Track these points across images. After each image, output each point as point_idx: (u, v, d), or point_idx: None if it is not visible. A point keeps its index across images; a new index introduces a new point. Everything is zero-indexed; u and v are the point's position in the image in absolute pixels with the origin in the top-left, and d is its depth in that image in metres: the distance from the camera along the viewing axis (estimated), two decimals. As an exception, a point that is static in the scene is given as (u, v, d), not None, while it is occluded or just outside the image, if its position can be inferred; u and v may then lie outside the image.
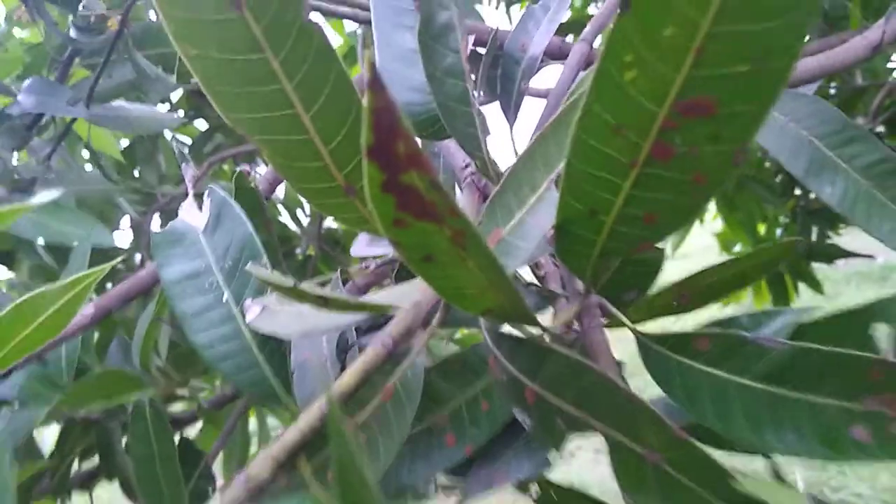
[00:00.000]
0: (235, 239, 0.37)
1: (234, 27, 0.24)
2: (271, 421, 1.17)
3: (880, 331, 0.29)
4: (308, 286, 0.29)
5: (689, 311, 0.35)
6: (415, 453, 0.32)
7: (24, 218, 0.73)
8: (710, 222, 2.19)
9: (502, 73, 0.46)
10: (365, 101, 0.18)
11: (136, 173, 1.28)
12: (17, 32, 1.14)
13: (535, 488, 0.42)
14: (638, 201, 0.23)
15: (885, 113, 1.64)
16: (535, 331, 0.28)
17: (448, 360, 0.33)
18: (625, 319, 0.29)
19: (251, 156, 1.35)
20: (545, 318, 0.32)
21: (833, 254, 1.57)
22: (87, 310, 0.53)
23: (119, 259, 0.53)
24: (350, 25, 1.38)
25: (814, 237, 1.71)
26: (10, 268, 0.93)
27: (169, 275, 0.37)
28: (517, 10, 1.49)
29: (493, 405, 0.31)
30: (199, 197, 0.41)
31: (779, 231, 1.89)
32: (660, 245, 0.39)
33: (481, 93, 0.52)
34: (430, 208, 0.21)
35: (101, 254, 0.75)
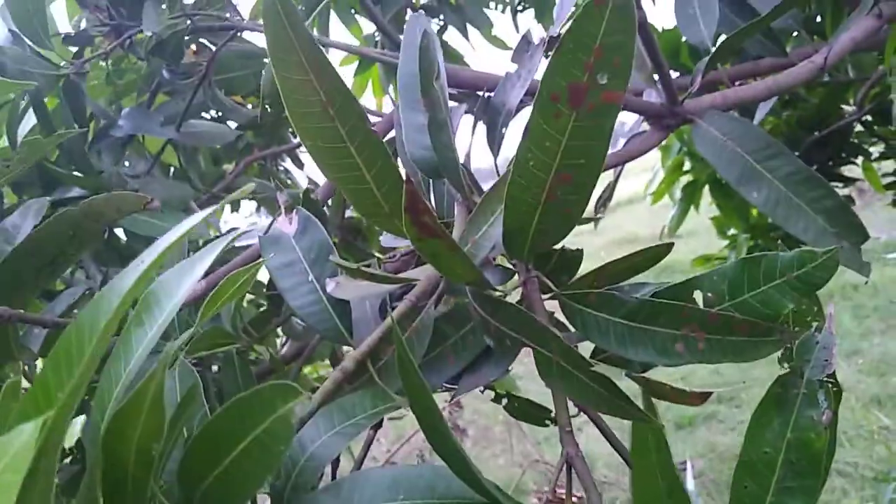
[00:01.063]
0: (316, 241, 0.58)
1: (331, 129, 0.45)
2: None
3: (696, 293, 0.50)
4: (363, 268, 0.50)
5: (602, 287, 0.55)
6: (430, 370, 0.54)
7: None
8: (709, 206, 2.34)
9: (489, 120, 0.67)
10: (404, 186, 0.39)
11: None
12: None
13: (505, 400, 0.64)
14: (543, 221, 0.44)
15: (871, 103, 1.75)
16: (496, 293, 0.49)
17: (448, 313, 0.54)
18: (550, 283, 0.50)
19: (276, 157, 1.58)
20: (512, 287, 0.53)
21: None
22: (199, 284, 0.75)
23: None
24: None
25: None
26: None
27: (273, 263, 0.59)
28: (523, 20, 1.69)
29: (475, 339, 0.53)
30: (288, 209, 0.62)
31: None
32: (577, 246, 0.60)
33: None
34: (435, 233, 0.42)
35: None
